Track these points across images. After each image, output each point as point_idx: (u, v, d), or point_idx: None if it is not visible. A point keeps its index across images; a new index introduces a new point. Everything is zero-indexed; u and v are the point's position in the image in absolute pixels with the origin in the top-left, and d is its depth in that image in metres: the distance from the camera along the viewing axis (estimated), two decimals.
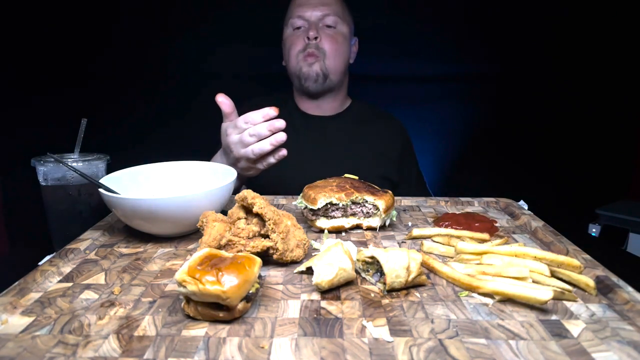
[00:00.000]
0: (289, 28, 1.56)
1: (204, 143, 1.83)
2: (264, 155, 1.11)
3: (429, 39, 2.36)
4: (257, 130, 1.07)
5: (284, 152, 1.13)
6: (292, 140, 1.38)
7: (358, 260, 0.76)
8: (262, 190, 1.27)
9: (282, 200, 1.22)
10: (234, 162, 1.17)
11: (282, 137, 1.07)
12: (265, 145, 1.07)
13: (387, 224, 0.99)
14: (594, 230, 2.52)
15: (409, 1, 2.28)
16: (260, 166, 1.15)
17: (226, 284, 0.59)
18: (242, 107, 1.65)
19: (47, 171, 1.01)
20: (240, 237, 0.78)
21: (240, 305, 0.61)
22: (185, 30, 2.27)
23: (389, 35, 2.29)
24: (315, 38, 1.49)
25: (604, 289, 0.71)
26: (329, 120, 1.62)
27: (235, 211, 0.82)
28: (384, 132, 1.64)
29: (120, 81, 2.27)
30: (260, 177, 1.40)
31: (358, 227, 0.99)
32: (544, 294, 0.63)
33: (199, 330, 0.60)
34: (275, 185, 1.35)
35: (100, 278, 0.75)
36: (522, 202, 1.20)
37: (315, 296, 0.69)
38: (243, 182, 1.37)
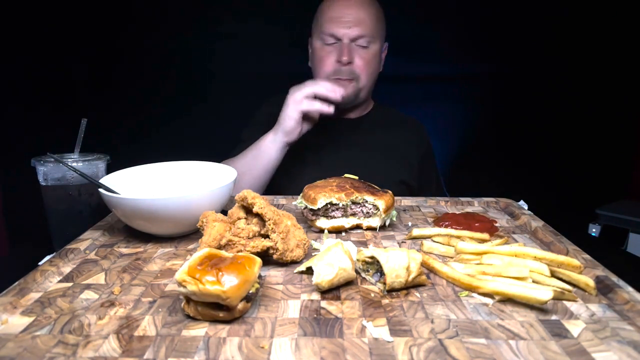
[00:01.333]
0: (319, 41, 1.47)
1: (204, 143, 1.84)
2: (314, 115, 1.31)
3: (429, 39, 2.36)
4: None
5: (331, 109, 1.29)
6: (311, 141, 1.42)
7: (358, 260, 0.76)
8: (280, 191, 1.33)
9: (282, 200, 1.22)
10: (285, 118, 1.31)
11: (339, 95, 1.27)
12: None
13: (387, 224, 0.99)
14: (594, 230, 2.52)
15: (409, 2, 2.28)
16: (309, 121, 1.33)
17: (226, 284, 0.59)
18: (262, 107, 1.67)
19: (47, 171, 1.01)
20: (240, 237, 0.78)
21: (240, 305, 0.61)
22: (185, 30, 2.27)
23: (389, 35, 2.29)
24: (349, 63, 1.42)
25: (604, 289, 0.71)
26: (349, 123, 1.60)
27: (235, 211, 0.82)
28: (406, 136, 1.60)
29: (121, 81, 2.28)
30: (278, 179, 1.43)
31: (358, 227, 0.99)
32: (544, 294, 0.63)
33: (199, 330, 0.60)
34: (294, 185, 1.35)
35: (100, 278, 0.75)
36: (522, 202, 1.20)
37: (315, 296, 0.69)
38: (266, 179, 1.40)
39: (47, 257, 0.88)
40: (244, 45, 2.30)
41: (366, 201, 0.96)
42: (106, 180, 0.98)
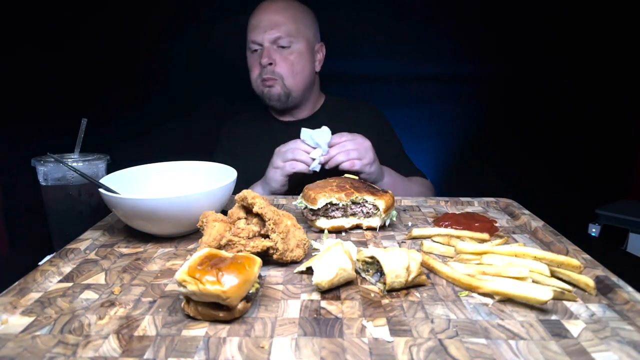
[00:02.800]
0: (248, 50, 1.59)
1: (204, 143, 1.84)
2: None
3: (429, 39, 2.36)
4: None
5: (311, 170, 1.30)
6: (268, 146, 1.44)
7: (358, 260, 0.76)
8: (300, 181, 1.32)
9: (282, 200, 1.22)
10: (271, 180, 1.35)
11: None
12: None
13: (387, 224, 0.99)
14: (594, 230, 2.52)
15: (409, 2, 2.28)
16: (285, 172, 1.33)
17: (226, 284, 0.59)
18: (221, 133, 1.73)
19: (47, 171, 1.01)
20: (240, 237, 0.78)
21: (240, 305, 0.61)
22: (185, 29, 2.27)
23: (389, 35, 2.29)
24: (270, 64, 1.50)
25: (603, 289, 0.71)
26: (305, 123, 1.64)
27: (235, 211, 0.82)
28: (359, 121, 1.65)
29: (121, 81, 2.27)
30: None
31: (358, 227, 0.99)
32: (544, 294, 0.63)
33: (199, 330, 0.60)
34: (312, 174, 1.35)
35: (100, 278, 0.75)
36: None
37: (315, 296, 0.69)
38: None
39: (47, 257, 0.88)
40: (244, 45, 2.30)
41: (366, 201, 0.96)
42: (106, 180, 0.98)
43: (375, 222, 0.97)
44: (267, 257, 0.79)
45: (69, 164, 0.98)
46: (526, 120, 2.50)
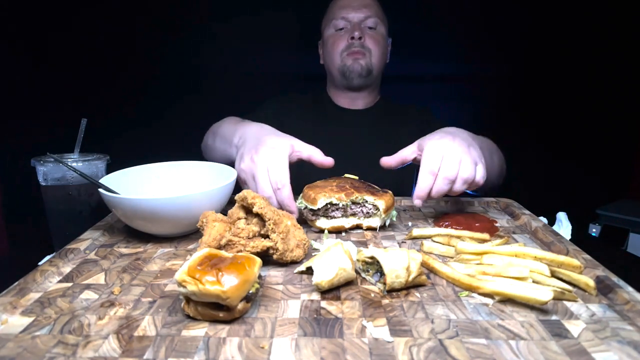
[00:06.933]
0: (331, 29, 1.62)
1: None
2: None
3: (430, 40, 2.36)
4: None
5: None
6: (326, 131, 1.51)
7: (358, 260, 0.76)
8: (300, 181, 1.11)
9: None
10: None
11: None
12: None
13: (387, 224, 0.99)
14: (594, 230, 2.52)
15: (409, 2, 2.28)
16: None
17: (226, 284, 0.59)
18: (272, 98, 1.71)
19: (47, 171, 1.01)
20: (240, 237, 0.78)
21: (240, 305, 0.61)
22: (186, 29, 2.27)
23: (390, 35, 2.29)
24: (360, 38, 1.55)
25: (604, 289, 0.71)
26: (361, 113, 1.69)
27: (235, 211, 0.82)
28: (410, 123, 1.65)
29: (121, 81, 2.27)
30: (297, 168, 1.16)
31: (358, 227, 0.99)
32: (544, 294, 0.63)
33: (199, 330, 0.60)
34: (312, 174, 1.19)
35: (100, 278, 0.75)
36: (562, 214, 1.14)
37: (315, 296, 0.69)
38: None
39: (47, 257, 0.88)
40: (245, 46, 2.30)
41: (366, 201, 0.96)
42: (106, 180, 0.98)
43: (375, 222, 0.97)
44: (267, 257, 0.79)
45: (69, 164, 0.98)
46: (526, 120, 2.50)
